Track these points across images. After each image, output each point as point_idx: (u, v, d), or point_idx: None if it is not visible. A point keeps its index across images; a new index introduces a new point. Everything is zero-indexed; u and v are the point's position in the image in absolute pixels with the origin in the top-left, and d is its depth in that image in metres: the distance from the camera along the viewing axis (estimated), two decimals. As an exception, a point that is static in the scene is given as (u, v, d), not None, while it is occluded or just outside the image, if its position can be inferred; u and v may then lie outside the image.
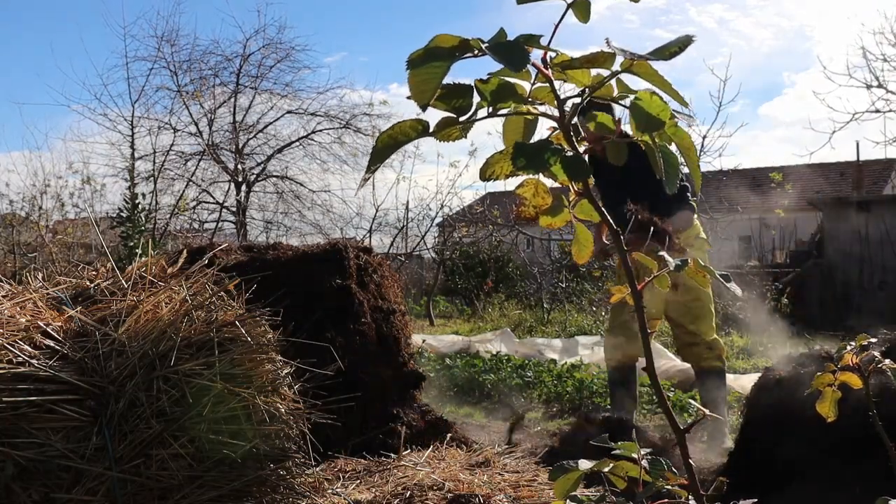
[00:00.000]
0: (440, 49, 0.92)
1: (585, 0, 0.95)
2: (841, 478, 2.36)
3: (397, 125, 0.97)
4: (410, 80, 0.92)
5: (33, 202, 9.52)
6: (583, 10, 0.95)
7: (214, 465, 2.00)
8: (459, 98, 0.96)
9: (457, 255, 14.25)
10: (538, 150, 0.96)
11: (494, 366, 5.78)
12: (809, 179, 19.24)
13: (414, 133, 0.97)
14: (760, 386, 2.93)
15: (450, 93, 0.95)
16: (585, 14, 0.95)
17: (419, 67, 0.92)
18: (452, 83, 0.96)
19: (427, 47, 0.93)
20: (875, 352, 1.42)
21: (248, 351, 2.11)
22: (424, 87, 0.92)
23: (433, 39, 0.93)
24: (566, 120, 0.99)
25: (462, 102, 0.96)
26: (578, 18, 0.95)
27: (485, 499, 2.35)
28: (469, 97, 0.96)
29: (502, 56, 0.91)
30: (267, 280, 2.81)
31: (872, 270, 10.86)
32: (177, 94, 13.86)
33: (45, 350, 1.99)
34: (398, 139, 0.98)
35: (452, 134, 0.99)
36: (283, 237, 14.22)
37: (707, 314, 4.05)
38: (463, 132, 0.99)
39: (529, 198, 1.09)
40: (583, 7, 0.95)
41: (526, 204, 1.09)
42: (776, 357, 3.05)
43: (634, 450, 1.11)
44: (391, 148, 0.98)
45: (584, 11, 0.95)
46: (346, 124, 14.91)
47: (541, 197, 1.09)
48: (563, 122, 0.99)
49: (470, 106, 0.97)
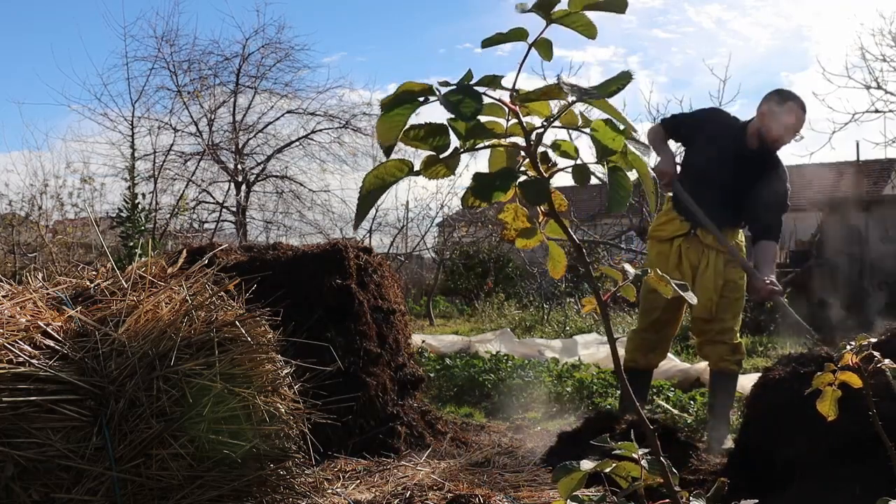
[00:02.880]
0: (406, 93, 0.99)
1: (546, 40, 1.02)
2: (841, 478, 2.36)
3: (382, 166, 1.02)
4: (378, 124, 0.99)
5: (33, 202, 9.51)
6: (545, 49, 1.02)
7: (214, 465, 2.00)
8: (436, 137, 1.01)
9: (457, 255, 14.26)
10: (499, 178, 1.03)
11: (494, 366, 5.78)
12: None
13: (400, 173, 1.02)
14: (760, 386, 2.93)
15: (427, 133, 1.01)
16: (548, 53, 1.03)
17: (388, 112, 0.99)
18: (428, 123, 1.01)
19: (396, 92, 0.99)
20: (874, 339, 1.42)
21: (248, 351, 2.11)
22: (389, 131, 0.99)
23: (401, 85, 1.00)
24: (532, 148, 1.05)
25: (439, 141, 1.01)
26: (542, 56, 1.03)
27: (485, 499, 2.35)
28: (446, 136, 1.01)
29: (453, 108, 0.96)
30: (267, 280, 2.81)
31: (872, 270, 10.87)
32: (177, 94, 13.86)
33: (45, 350, 1.99)
34: (386, 180, 1.02)
35: (439, 171, 1.04)
36: (283, 237, 14.21)
37: (740, 314, 3.99)
38: (449, 169, 1.04)
39: (510, 222, 1.17)
40: (544, 46, 1.02)
41: (508, 228, 1.17)
42: (776, 357, 3.05)
43: (634, 450, 1.11)
44: (380, 190, 1.02)
45: (547, 50, 1.03)
46: (345, 124, 14.91)
47: (521, 220, 1.16)
48: (529, 151, 1.06)
49: (448, 144, 1.02)
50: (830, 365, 1.45)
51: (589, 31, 1.03)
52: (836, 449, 2.41)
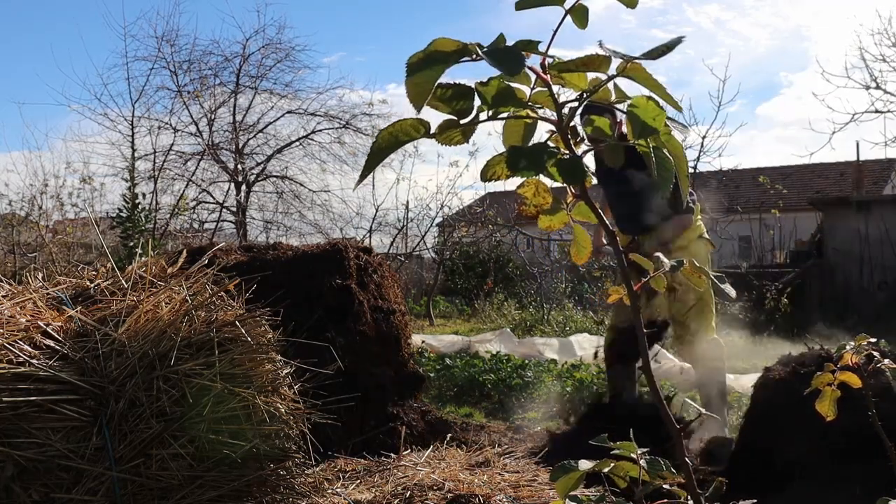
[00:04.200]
0: (439, 53, 0.92)
1: (583, 6, 0.95)
2: (841, 478, 2.37)
3: (398, 123, 0.97)
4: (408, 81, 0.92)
5: (33, 202, 9.51)
6: (580, 16, 0.95)
7: (214, 465, 2.00)
8: (461, 100, 0.96)
9: (457, 255, 14.25)
10: (535, 153, 0.97)
11: (494, 366, 5.78)
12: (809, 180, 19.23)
13: (416, 133, 0.97)
14: (760, 386, 2.93)
15: (452, 94, 0.96)
16: (583, 20, 0.96)
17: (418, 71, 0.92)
18: (455, 83, 0.96)
19: (426, 50, 0.93)
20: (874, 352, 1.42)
21: (248, 351, 2.11)
22: (422, 88, 0.92)
23: (432, 43, 0.93)
24: (564, 123, 0.99)
25: (463, 105, 0.96)
26: (577, 24, 0.96)
27: (485, 499, 2.35)
28: (471, 100, 0.96)
29: (499, 61, 0.91)
30: (267, 280, 2.81)
31: (872, 270, 10.86)
32: (177, 94, 13.86)
33: (45, 350, 1.99)
34: (399, 138, 0.97)
35: (454, 137, 0.99)
36: (283, 237, 14.20)
37: (708, 313, 4.08)
38: (464, 136, 0.99)
39: (530, 197, 1.10)
40: (580, 13, 0.95)
41: (527, 203, 1.10)
42: (776, 357, 3.05)
43: (633, 449, 1.11)
44: (392, 147, 0.97)
45: (582, 17, 0.96)
46: (345, 124, 14.91)
47: (541, 196, 1.10)
48: (560, 126, 1.00)
49: (471, 109, 0.97)
50: (830, 365, 1.45)
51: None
52: (836, 449, 2.41)
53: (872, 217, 10.89)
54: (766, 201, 12.87)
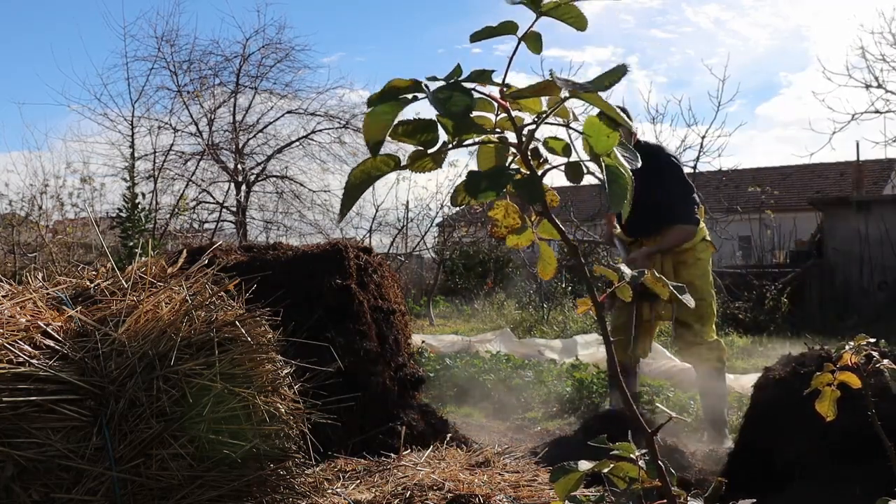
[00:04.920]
0: (394, 90, 0.97)
1: (535, 33, 0.99)
2: (841, 478, 2.37)
3: (369, 160, 1.01)
4: (365, 121, 0.98)
5: (33, 202, 9.52)
6: (534, 43, 1.00)
7: (214, 465, 2.00)
8: (424, 133, 1.00)
9: (457, 255, 14.26)
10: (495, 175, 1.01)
11: (494, 366, 5.78)
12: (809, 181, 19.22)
13: (387, 168, 1.01)
14: (760, 386, 2.93)
15: (415, 128, 1.00)
16: (537, 46, 1.00)
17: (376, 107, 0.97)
18: (415, 119, 1.00)
19: (383, 89, 0.98)
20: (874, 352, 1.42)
21: (248, 351, 2.11)
22: (377, 129, 0.97)
23: (388, 83, 0.98)
24: (524, 145, 1.03)
25: (428, 136, 1.00)
26: (531, 50, 1.00)
27: (485, 499, 2.35)
28: (434, 131, 1.00)
29: (441, 105, 0.95)
30: (267, 280, 2.81)
31: (872, 270, 10.86)
32: (177, 94, 13.87)
33: (45, 350, 1.99)
34: (372, 174, 1.01)
35: (426, 165, 1.03)
36: (283, 237, 14.21)
37: (710, 314, 4.09)
38: (436, 163, 1.03)
39: (501, 219, 1.14)
40: (533, 40, 1.00)
41: (498, 225, 1.14)
42: (776, 357, 3.05)
43: (632, 451, 1.11)
44: (366, 183, 1.01)
45: (536, 43, 1.00)
46: (345, 124, 14.92)
47: (511, 218, 1.14)
48: (520, 148, 1.04)
49: (436, 139, 1.01)
50: (829, 365, 1.45)
51: (579, 22, 1.00)
52: (836, 449, 2.41)
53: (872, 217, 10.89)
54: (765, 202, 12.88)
